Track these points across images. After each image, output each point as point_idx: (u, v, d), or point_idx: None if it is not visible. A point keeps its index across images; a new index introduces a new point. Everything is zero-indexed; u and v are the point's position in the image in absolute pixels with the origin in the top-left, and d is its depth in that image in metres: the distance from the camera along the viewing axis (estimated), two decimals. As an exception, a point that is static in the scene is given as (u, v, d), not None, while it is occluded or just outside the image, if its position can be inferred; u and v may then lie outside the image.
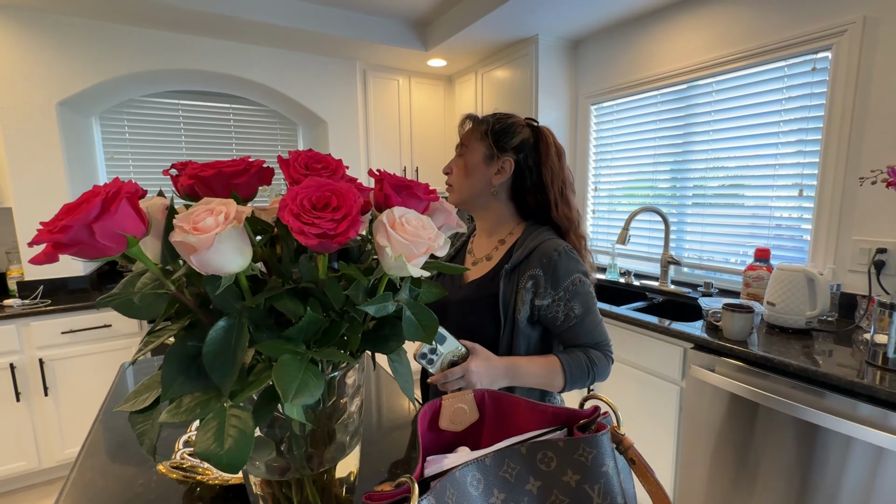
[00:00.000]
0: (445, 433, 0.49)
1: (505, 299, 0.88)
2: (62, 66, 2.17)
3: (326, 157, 0.44)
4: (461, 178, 0.95)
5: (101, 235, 0.32)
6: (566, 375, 0.84)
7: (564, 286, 0.86)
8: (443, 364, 0.76)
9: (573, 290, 0.86)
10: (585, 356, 0.87)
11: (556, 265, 0.86)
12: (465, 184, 0.95)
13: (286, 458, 0.51)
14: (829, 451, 1.20)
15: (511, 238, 0.96)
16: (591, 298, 0.89)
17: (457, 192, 0.97)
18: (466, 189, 0.95)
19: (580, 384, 0.86)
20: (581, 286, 0.87)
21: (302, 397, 0.35)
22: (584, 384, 0.87)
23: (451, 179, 0.98)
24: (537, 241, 0.90)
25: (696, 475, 1.54)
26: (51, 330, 2.04)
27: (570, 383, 0.85)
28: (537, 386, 0.85)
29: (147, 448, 0.39)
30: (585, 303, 0.87)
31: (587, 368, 0.86)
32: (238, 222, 0.36)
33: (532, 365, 0.84)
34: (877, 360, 1.21)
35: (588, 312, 0.88)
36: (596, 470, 0.42)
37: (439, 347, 0.75)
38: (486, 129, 0.93)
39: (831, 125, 1.63)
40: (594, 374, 0.87)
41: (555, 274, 0.86)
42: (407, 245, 0.38)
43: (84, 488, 0.76)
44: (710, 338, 1.47)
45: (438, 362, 0.76)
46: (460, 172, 0.95)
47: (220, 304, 0.40)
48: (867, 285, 1.53)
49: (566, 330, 0.88)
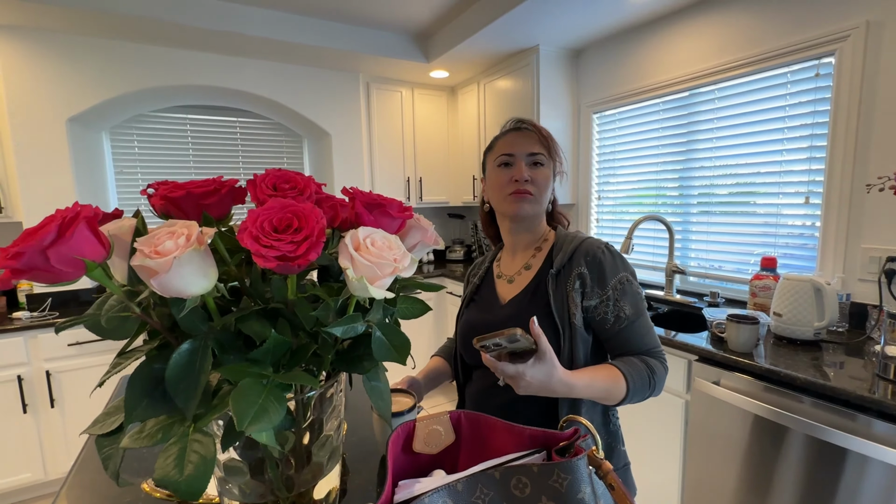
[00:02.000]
0: (421, 456, 0.48)
1: (558, 306, 0.82)
2: (72, 84, 2.23)
3: (296, 177, 0.44)
4: (545, 190, 0.89)
5: (57, 261, 0.32)
6: (629, 386, 0.75)
7: (612, 285, 0.81)
8: (500, 354, 0.66)
9: (621, 289, 0.81)
10: (645, 365, 0.79)
11: (602, 263, 0.82)
12: (546, 196, 0.90)
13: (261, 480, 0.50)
14: (843, 470, 1.15)
15: (547, 244, 0.92)
16: (641, 300, 0.83)
17: (539, 204, 0.89)
18: (545, 201, 0.91)
19: (640, 396, 0.78)
20: (629, 286, 0.82)
21: (259, 424, 0.34)
22: (643, 396, 0.79)
23: (533, 189, 0.88)
24: (576, 241, 0.86)
25: (702, 491, 1.50)
26: (58, 342, 2.07)
27: (632, 395, 0.76)
28: (595, 398, 0.76)
29: (111, 473, 0.39)
30: (636, 304, 0.81)
31: (648, 378, 0.78)
32: (200, 244, 0.36)
33: (591, 378, 0.73)
34: (888, 374, 1.17)
35: (639, 315, 0.81)
36: (571, 497, 0.41)
37: (506, 344, 0.62)
38: (555, 142, 0.91)
39: (837, 131, 1.60)
40: (654, 384, 0.79)
41: (601, 272, 0.81)
42: (370, 267, 0.37)
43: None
44: (715, 350, 1.44)
45: (497, 352, 0.65)
46: (545, 183, 0.88)
47: (185, 327, 0.40)
48: (878, 294, 1.49)
49: (616, 333, 0.81)
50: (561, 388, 0.68)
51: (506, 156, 0.88)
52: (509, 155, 0.88)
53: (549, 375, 0.66)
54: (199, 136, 2.90)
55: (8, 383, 1.99)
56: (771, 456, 1.30)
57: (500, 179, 0.89)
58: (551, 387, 0.67)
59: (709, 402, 1.45)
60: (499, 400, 0.86)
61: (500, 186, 0.89)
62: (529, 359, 0.66)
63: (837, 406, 1.15)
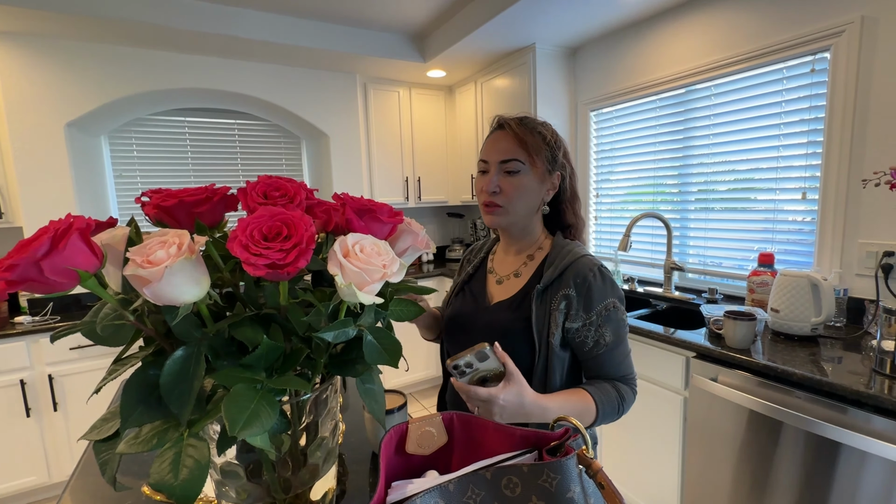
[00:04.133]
0: (414, 457, 0.49)
1: (539, 323, 0.81)
2: (70, 88, 2.24)
3: (286, 184, 0.44)
4: (517, 200, 0.83)
5: (51, 272, 0.32)
6: (598, 412, 0.77)
7: (597, 310, 0.80)
8: (472, 378, 0.67)
9: (606, 315, 0.80)
10: (616, 391, 0.80)
11: (591, 287, 0.80)
12: (522, 205, 0.84)
13: (258, 483, 0.51)
14: (840, 465, 1.16)
15: (540, 254, 0.89)
16: (623, 327, 0.82)
17: (511, 215, 0.85)
18: (522, 210, 0.85)
19: (608, 420, 0.80)
20: (614, 312, 0.81)
21: (251, 429, 0.35)
22: (611, 420, 0.80)
23: (502, 200, 0.83)
24: (570, 258, 0.83)
25: (701, 488, 1.51)
26: (60, 346, 2.08)
27: (601, 419, 0.78)
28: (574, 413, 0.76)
29: (108, 478, 0.39)
30: (617, 331, 0.81)
31: (617, 404, 0.79)
32: (191, 253, 0.37)
33: (564, 403, 0.74)
34: (884, 369, 1.18)
35: (619, 342, 0.81)
36: (560, 496, 0.41)
37: (477, 364, 0.65)
38: (545, 140, 0.84)
39: (832, 126, 1.60)
40: (622, 410, 0.80)
41: (588, 296, 0.80)
42: (358, 273, 0.38)
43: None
44: (713, 346, 1.45)
45: (469, 377, 0.67)
46: (516, 193, 0.83)
47: (179, 334, 0.40)
48: (875, 289, 1.49)
49: (593, 357, 0.82)
50: (535, 410, 0.69)
51: (482, 162, 0.87)
52: (485, 161, 0.86)
53: (520, 396, 0.67)
54: (197, 139, 2.90)
55: (11, 388, 2.00)
56: (769, 451, 1.30)
57: (477, 187, 0.88)
58: (525, 410, 0.68)
59: (707, 399, 1.46)
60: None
61: (478, 194, 0.88)
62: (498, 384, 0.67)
63: (835, 402, 1.16)
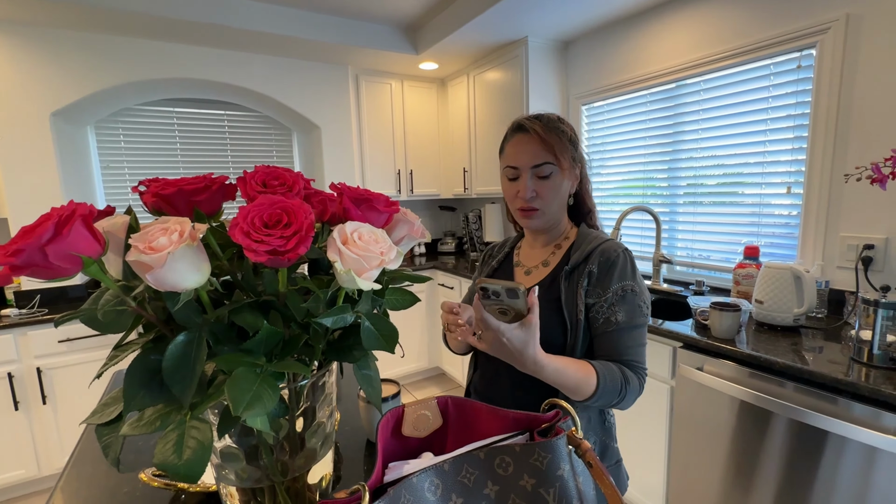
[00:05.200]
0: (410, 439, 0.50)
1: (568, 304, 0.83)
2: (56, 78, 2.20)
3: (284, 174, 0.45)
4: (552, 201, 0.86)
5: (55, 257, 0.33)
6: (599, 386, 0.74)
7: (613, 289, 0.80)
8: (493, 306, 0.65)
9: (622, 295, 0.80)
10: (621, 373, 0.77)
11: (613, 265, 0.81)
12: (556, 205, 0.86)
13: (257, 465, 0.52)
14: (823, 451, 1.19)
15: (567, 242, 0.91)
16: (640, 314, 0.81)
17: (548, 216, 0.87)
18: (556, 209, 0.87)
19: (608, 399, 0.76)
20: (631, 295, 0.80)
21: (254, 410, 0.36)
22: (611, 400, 0.76)
23: (540, 204, 0.86)
24: (596, 241, 0.86)
25: (687, 474, 1.55)
26: (48, 339, 2.06)
27: (599, 395, 0.74)
28: (562, 387, 0.74)
29: (111, 459, 0.40)
30: (630, 314, 0.80)
31: (621, 386, 0.76)
32: (192, 240, 0.38)
33: (564, 365, 0.73)
34: (861, 357, 1.22)
35: (631, 326, 0.80)
36: (551, 474, 0.43)
37: (505, 298, 0.63)
38: (567, 137, 0.86)
39: (817, 122, 1.63)
40: (625, 395, 0.77)
41: (609, 273, 0.81)
42: (357, 260, 0.39)
43: (71, 496, 0.78)
44: (699, 336, 1.48)
45: (493, 302, 0.64)
46: (551, 195, 0.85)
47: (180, 319, 0.41)
48: (855, 281, 1.54)
49: (601, 335, 0.81)
50: (530, 363, 0.67)
51: (511, 168, 0.87)
52: (514, 168, 0.86)
53: (524, 344, 0.65)
54: (186, 129, 2.87)
55: (-2, 381, 1.98)
56: (753, 439, 1.35)
57: (509, 192, 0.89)
58: (523, 358, 0.66)
59: (693, 388, 1.49)
60: (499, 387, 0.89)
61: (510, 199, 0.90)
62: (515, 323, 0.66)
63: (816, 389, 1.20)
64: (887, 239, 1.49)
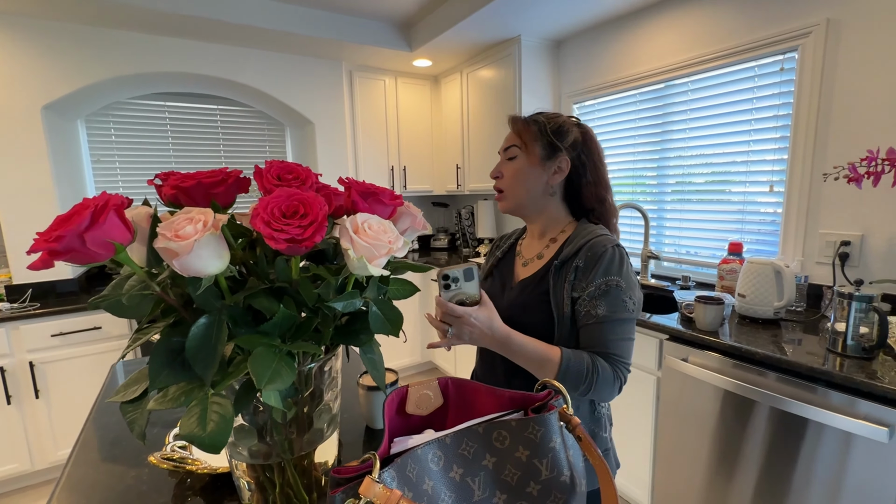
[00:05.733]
0: (413, 417, 0.54)
1: (556, 296, 0.85)
2: (47, 70, 2.18)
3: (297, 168, 0.48)
4: (516, 184, 0.91)
5: (92, 243, 0.36)
6: (561, 367, 0.76)
7: (597, 283, 0.81)
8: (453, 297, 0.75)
9: (605, 290, 0.81)
10: (591, 361, 0.78)
11: (600, 259, 0.82)
12: (522, 189, 0.91)
13: (268, 443, 0.55)
14: (802, 437, 1.25)
15: (563, 236, 0.93)
16: (623, 308, 0.81)
17: (512, 199, 0.93)
18: (523, 194, 0.91)
19: (572, 384, 0.77)
20: (616, 290, 0.81)
21: (274, 384, 0.39)
22: (577, 386, 0.77)
23: (503, 184, 0.93)
24: (589, 236, 0.86)
25: (673, 462, 1.61)
26: (41, 333, 2.06)
27: (562, 377, 0.76)
28: (528, 362, 0.78)
29: (137, 433, 0.43)
30: (613, 308, 0.80)
31: (587, 372, 0.77)
32: (215, 229, 0.41)
33: (527, 342, 0.78)
34: (836, 348, 1.28)
35: (612, 320, 0.80)
36: (544, 446, 0.47)
37: (462, 282, 0.74)
38: (541, 128, 0.89)
39: (798, 123, 1.69)
40: (592, 382, 0.77)
41: (594, 268, 0.82)
42: (368, 248, 0.42)
43: (79, 481, 0.80)
44: (684, 329, 1.54)
45: (452, 293, 0.74)
46: (515, 177, 0.91)
47: (201, 304, 0.44)
48: (832, 276, 1.61)
49: (583, 327, 0.82)
50: (500, 336, 0.76)
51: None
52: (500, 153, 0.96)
53: (490, 320, 0.75)
54: (178, 123, 2.86)
55: (-9, 375, 1.98)
56: (736, 427, 1.41)
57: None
58: (493, 333, 0.76)
59: (679, 378, 1.55)
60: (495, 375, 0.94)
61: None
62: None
63: (794, 378, 1.26)
64: (863, 236, 1.56)
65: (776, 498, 1.32)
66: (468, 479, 0.47)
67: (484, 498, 0.47)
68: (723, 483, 1.46)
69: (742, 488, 1.40)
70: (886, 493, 1.11)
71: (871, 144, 1.49)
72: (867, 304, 1.22)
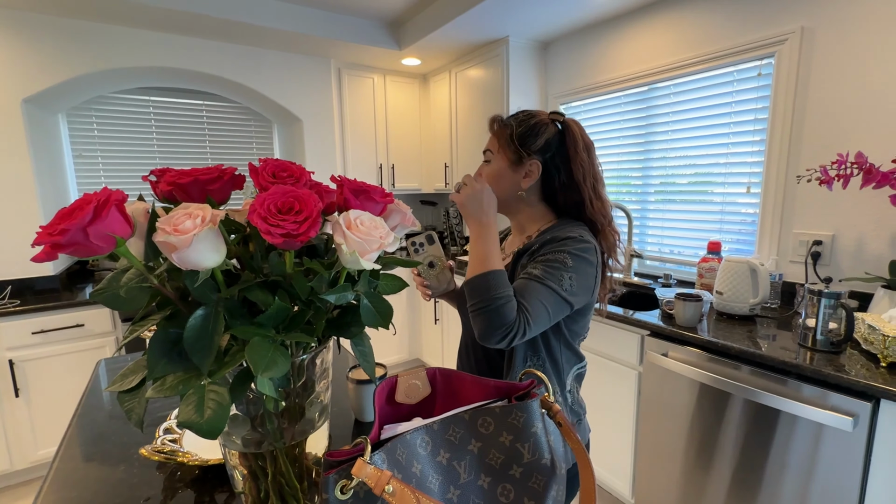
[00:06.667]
0: (402, 406, 0.56)
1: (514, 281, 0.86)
2: (28, 63, 2.14)
3: (291, 166, 0.50)
4: (493, 186, 0.92)
5: (95, 237, 0.37)
6: (490, 273, 0.79)
7: (545, 252, 0.83)
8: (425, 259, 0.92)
9: (549, 258, 0.82)
10: (509, 293, 0.79)
11: (554, 240, 0.84)
12: (498, 191, 0.93)
13: (260, 432, 0.57)
14: (776, 428, 1.31)
15: (538, 232, 0.95)
16: (556, 280, 0.80)
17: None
18: (499, 195, 0.93)
19: (479, 294, 0.79)
20: (559, 263, 0.81)
21: (270, 371, 0.41)
22: (481, 297, 0.78)
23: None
24: (559, 231, 0.87)
25: (653, 454, 1.66)
26: (21, 330, 2.02)
27: (481, 280, 0.80)
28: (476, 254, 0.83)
29: (135, 421, 0.45)
30: (548, 274, 0.81)
31: (499, 295, 0.77)
32: (213, 224, 0.42)
33: (496, 245, 0.84)
34: (807, 342, 1.34)
35: (542, 282, 0.80)
36: (526, 431, 0.50)
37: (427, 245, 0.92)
38: (510, 133, 0.91)
39: (774, 127, 1.76)
40: (494, 307, 0.77)
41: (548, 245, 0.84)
42: (360, 243, 0.44)
43: (68, 476, 0.80)
44: (665, 325, 1.59)
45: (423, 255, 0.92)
46: (489, 178, 0.94)
47: (198, 296, 0.46)
48: (805, 274, 1.68)
49: (516, 281, 0.85)
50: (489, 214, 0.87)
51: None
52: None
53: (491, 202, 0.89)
54: (163, 119, 2.82)
55: (-31, 373, 1.94)
56: (713, 419, 1.46)
57: None
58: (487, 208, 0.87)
59: (659, 373, 1.60)
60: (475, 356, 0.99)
61: None
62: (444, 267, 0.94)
63: (767, 371, 1.31)
64: (833, 235, 1.63)
65: (752, 486, 1.38)
66: (455, 462, 0.49)
67: (469, 480, 0.49)
68: (701, 473, 1.51)
69: (719, 477, 1.46)
70: (852, 478, 1.17)
71: (841, 148, 1.56)
72: (835, 300, 1.28)
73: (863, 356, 1.26)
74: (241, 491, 0.61)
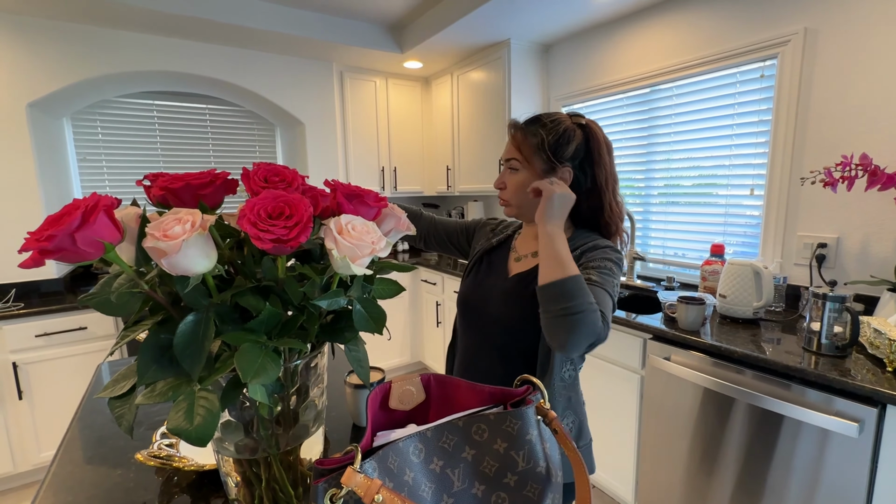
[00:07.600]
0: (396, 412, 0.56)
1: None
2: (33, 68, 2.16)
3: (284, 170, 0.50)
4: (519, 195, 0.92)
5: (82, 243, 0.37)
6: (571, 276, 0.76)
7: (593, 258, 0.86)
8: None
9: (593, 264, 0.85)
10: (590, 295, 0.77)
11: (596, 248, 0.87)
12: (522, 198, 0.92)
13: (254, 438, 0.57)
14: (780, 434, 1.29)
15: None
16: (610, 285, 0.83)
17: (515, 207, 0.95)
18: (524, 203, 0.93)
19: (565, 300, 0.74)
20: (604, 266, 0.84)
21: (260, 378, 0.41)
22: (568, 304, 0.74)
23: (507, 196, 0.94)
24: (589, 241, 0.89)
25: (656, 459, 1.65)
26: (24, 333, 2.03)
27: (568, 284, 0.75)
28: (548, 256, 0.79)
29: (125, 427, 0.44)
30: (602, 281, 0.82)
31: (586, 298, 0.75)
32: (203, 229, 0.42)
33: (565, 244, 0.81)
34: (812, 346, 1.32)
35: (601, 288, 0.81)
36: (521, 438, 0.49)
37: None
38: (541, 141, 0.88)
39: (778, 129, 1.74)
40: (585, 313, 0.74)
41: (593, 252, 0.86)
42: (351, 248, 0.44)
43: (65, 479, 0.80)
44: (667, 328, 1.57)
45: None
46: (517, 189, 0.92)
47: (189, 302, 0.46)
48: (809, 277, 1.66)
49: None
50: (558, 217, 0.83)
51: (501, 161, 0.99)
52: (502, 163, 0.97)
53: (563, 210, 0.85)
54: (166, 122, 2.84)
55: (-27, 375, 1.95)
56: (716, 424, 1.44)
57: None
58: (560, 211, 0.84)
59: (661, 377, 1.59)
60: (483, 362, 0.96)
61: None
62: None
63: (771, 376, 1.30)
64: (838, 238, 1.61)
65: (755, 493, 1.36)
66: (448, 470, 0.48)
67: (463, 489, 0.48)
68: (704, 479, 1.49)
69: (722, 484, 1.44)
70: (858, 485, 1.15)
71: (846, 150, 1.54)
72: (840, 304, 1.26)
73: (868, 361, 1.24)
74: (234, 498, 0.60)
